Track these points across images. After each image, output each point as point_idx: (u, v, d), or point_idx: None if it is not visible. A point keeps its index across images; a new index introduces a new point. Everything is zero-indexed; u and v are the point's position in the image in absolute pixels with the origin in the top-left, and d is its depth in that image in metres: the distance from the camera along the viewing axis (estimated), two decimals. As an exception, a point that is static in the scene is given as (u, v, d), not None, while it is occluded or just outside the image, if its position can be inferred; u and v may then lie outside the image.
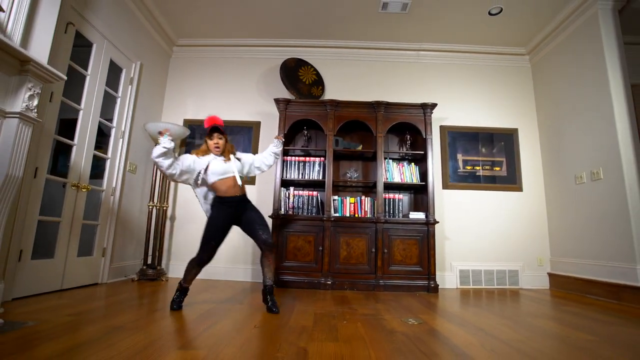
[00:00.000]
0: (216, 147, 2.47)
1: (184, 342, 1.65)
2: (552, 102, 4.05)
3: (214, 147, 2.48)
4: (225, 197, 2.46)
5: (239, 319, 2.12)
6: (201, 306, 2.50)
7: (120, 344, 1.57)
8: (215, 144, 2.47)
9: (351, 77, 4.46)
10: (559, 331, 2.05)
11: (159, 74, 4.33)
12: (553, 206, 4.00)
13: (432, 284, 3.49)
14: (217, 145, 2.47)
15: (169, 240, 4.12)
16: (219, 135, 2.48)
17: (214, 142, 2.47)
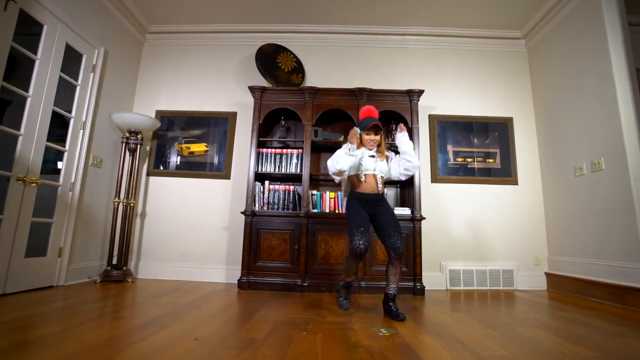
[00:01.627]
0: (372, 144, 2.45)
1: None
2: (550, 89, 3.75)
3: (369, 142, 2.44)
4: (363, 194, 2.43)
5: (184, 329, 1.85)
6: (154, 311, 2.23)
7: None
8: (372, 140, 2.44)
9: (334, 64, 4.17)
10: (553, 345, 1.76)
11: (129, 62, 4.06)
12: (551, 200, 3.70)
13: (417, 285, 3.20)
14: (374, 141, 2.45)
15: (138, 238, 3.85)
16: (377, 131, 2.44)
17: (371, 137, 2.44)
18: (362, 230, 2.30)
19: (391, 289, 2.33)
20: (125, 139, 3.63)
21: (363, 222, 2.34)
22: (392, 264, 2.33)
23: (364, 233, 2.29)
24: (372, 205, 2.42)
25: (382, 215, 2.40)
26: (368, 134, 2.44)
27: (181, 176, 3.97)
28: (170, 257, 3.79)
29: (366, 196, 2.42)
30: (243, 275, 3.27)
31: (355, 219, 2.34)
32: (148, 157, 4.03)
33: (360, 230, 2.29)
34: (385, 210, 2.43)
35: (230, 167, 3.95)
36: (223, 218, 3.84)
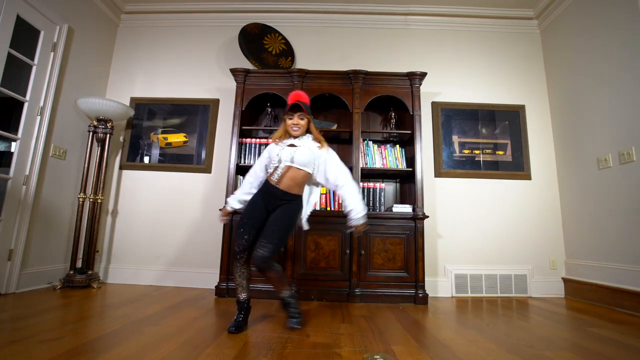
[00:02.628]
0: (295, 127, 2.05)
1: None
2: (567, 72, 3.35)
3: (291, 127, 2.06)
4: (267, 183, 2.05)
5: (127, 354, 1.46)
6: (100, 328, 1.85)
7: None
8: (295, 124, 2.05)
9: (327, 47, 3.77)
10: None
11: (100, 44, 3.66)
12: (568, 196, 3.31)
13: (420, 293, 2.81)
14: (297, 126, 2.05)
15: (109, 239, 3.46)
16: (301, 115, 2.06)
17: (294, 122, 2.05)
18: (245, 225, 1.95)
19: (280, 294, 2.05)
20: (93, 128, 3.24)
21: (250, 216, 1.98)
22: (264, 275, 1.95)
23: (246, 229, 1.94)
24: (270, 199, 2.01)
25: (272, 215, 1.99)
26: (290, 118, 2.05)
27: (157, 170, 3.57)
28: (143, 259, 3.40)
29: (269, 186, 2.02)
30: (221, 281, 2.89)
31: (244, 212, 2.02)
32: (121, 149, 3.64)
33: (243, 226, 1.96)
34: (281, 211, 1.99)
35: (211, 159, 3.56)
36: (203, 216, 3.45)
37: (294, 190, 2.02)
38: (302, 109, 2.03)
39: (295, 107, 2.03)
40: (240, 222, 1.98)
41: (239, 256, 1.94)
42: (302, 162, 2.00)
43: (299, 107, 2.02)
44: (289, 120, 2.06)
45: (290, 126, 2.06)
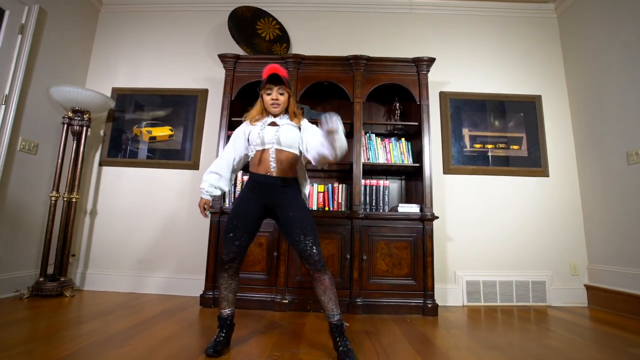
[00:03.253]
0: (274, 103, 1.74)
1: None
2: (587, 59, 3.05)
3: (270, 104, 1.75)
4: (256, 175, 1.73)
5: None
6: (57, 348, 1.55)
7: None
8: (274, 100, 1.74)
9: (325, 34, 3.47)
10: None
11: (79, 30, 3.36)
12: (591, 195, 3.01)
13: (428, 303, 2.51)
14: (276, 102, 1.74)
15: (87, 242, 3.16)
16: (281, 89, 1.74)
17: (272, 97, 1.74)
18: (236, 230, 1.65)
19: (330, 315, 1.59)
20: (68, 120, 2.94)
21: (240, 217, 1.67)
22: (313, 279, 1.62)
23: (236, 234, 1.64)
24: (266, 192, 1.69)
25: (285, 209, 1.67)
26: (268, 93, 1.74)
27: (140, 166, 3.28)
28: (124, 264, 3.11)
29: (259, 178, 1.70)
30: (207, 290, 2.59)
31: (232, 212, 1.72)
32: (101, 144, 3.34)
33: (233, 229, 1.65)
34: (290, 202, 1.68)
35: (199, 155, 3.26)
36: (190, 217, 3.15)
37: (289, 174, 1.73)
38: (283, 81, 1.72)
39: (273, 78, 1.71)
40: (229, 225, 1.67)
41: (227, 266, 1.65)
42: (289, 142, 1.70)
43: (279, 78, 1.71)
44: (267, 95, 1.75)
45: (268, 103, 1.75)
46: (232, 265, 1.65)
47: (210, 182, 1.79)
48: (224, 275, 1.67)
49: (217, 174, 1.80)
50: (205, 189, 1.79)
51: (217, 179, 1.80)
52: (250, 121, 1.79)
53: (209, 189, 1.79)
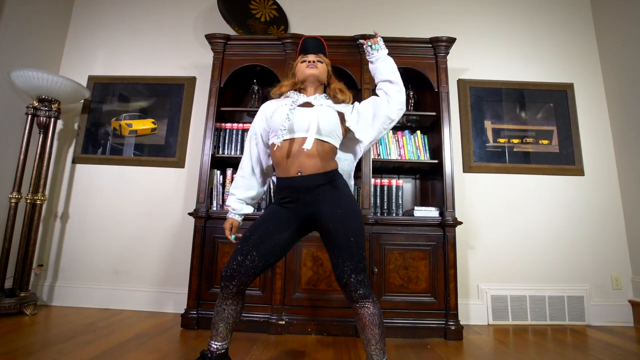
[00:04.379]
0: (311, 64, 1.38)
1: None
2: (625, 43, 2.67)
3: (306, 67, 1.38)
4: (284, 180, 1.33)
5: None
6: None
7: None
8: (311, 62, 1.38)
9: (329, 15, 3.09)
10: None
11: (51, 11, 2.98)
12: (633, 196, 2.62)
13: (451, 324, 2.12)
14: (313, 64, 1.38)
15: (57, 250, 2.77)
16: (318, 56, 1.40)
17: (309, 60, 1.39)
18: (247, 242, 1.26)
19: (371, 358, 1.19)
20: (33, 110, 2.56)
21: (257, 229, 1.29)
22: (355, 312, 1.23)
23: (244, 247, 1.25)
24: (302, 200, 1.29)
25: (325, 219, 1.25)
26: (303, 60, 1.40)
27: (118, 164, 2.89)
28: (99, 276, 2.72)
29: (291, 182, 1.30)
30: (190, 308, 2.19)
31: (256, 220, 1.33)
32: (75, 139, 2.95)
33: (244, 241, 1.27)
34: (331, 209, 1.26)
35: (185, 151, 2.88)
36: (174, 222, 2.77)
37: (328, 167, 1.30)
38: (323, 48, 1.40)
39: (310, 45, 1.39)
40: (244, 234, 1.29)
41: (223, 284, 1.26)
42: (328, 129, 1.30)
43: (319, 45, 1.39)
44: (302, 63, 1.39)
45: (303, 68, 1.38)
46: (228, 286, 1.25)
47: (236, 197, 1.43)
48: (220, 295, 1.28)
49: (244, 182, 1.43)
50: (232, 207, 1.42)
51: (244, 187, 1.43)
52: (278, 96, 1.42)
53: (235, 206, 1.42)
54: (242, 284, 1.25)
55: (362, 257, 1.20)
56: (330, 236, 1.23)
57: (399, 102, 1.36)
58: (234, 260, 1.25)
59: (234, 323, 1.30)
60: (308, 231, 1.37)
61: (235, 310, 1.28)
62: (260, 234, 1.27)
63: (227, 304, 1.27)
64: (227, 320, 1.28)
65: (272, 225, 1.29)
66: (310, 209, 1.28)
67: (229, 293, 1.26)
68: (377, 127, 1.38)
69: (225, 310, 1.27)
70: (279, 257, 1.31)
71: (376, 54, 1.41)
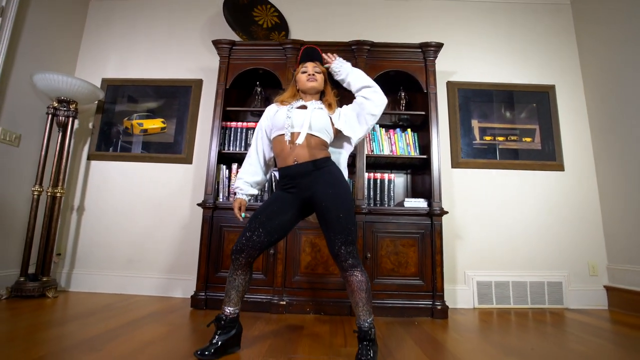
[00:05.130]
0: (310, 78, 1.60)
1: None
2: (603, 46, 2.88)
3: (306, 79, 1.61)
4: (285, 169, 1.55)
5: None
6: (36, 350, 1.36)
7: None
8: (310, 75, 1.61)
9: (327, 21, 3.30)
10: None
11: (68, 15, 3.20)
12: (609, 189, 2.82)
13: (438, 305, 2.32)
14: (312, 77, 1.61)
15: (73, 240, 2.98)
16: (316, 66, 1.64)
17: (308, 73, 1.62)
18: (254, 220, 1.48)
19: (356, 320, 1.44)
20: (53, 110, 2.77)
21: (265, 210, 1.51)
22: (345, 280, 1.44)
23: (252, 225, 1.47)
24: (301, 184, 1.50)
25: (319, 199, 1.47)
26: (303, 71, 1.63)
27: (130, 160, 3.10)
28: (112, 263, 2.92)
29: (289, 170, 1.52)
30: (199, 290, 2.40)
31: (263, 204, 1.56)
32: (90, 137, 3.17)
33: (252, 220, 1.49)
34: (324, 189, 1.47)
35: (192, 148, 3.09)
36: (182, 213, 2.97)
37: (320, 155, 1.53)
38: (320, 56, 1.63)
39: (309, 53, 1.61)
40: (252, 216, 1.51)
41: (234, 256, 1.47)
42: (319, 126, 1.52)
43: (315, 53, 1.61)
44: (302, 74, 1.62)
45: (303, 79, 1.61)
46: (238, 258, 1.45)
47: (244, 180, 1.64)
48: (231, 267, 1.50)
49: (251, 169, 1.65)
50: (240, 187, 1.63)
51: (252, 173, 1.65)
52: (280, 103, 1.63)
53: (243, 187, 1.63)
54: (249, 256, 1.46)
55: (350, 231, 1.41)
56: (323, 214, 1.44)
57: (378, 99, 1.58)
58: (243, 237, 1.45)
59: (244, 291, 1.51)
60: (308, 213, 1.59)
61: (245, 280, 1.49)
62: (267, 214, 1.48)
63: (237, 274, 1.48)
64: (237, 288, 1.48)
65: (277, 207, 1.51)
66: (307, 192, 1.50)
67: (238, 264, 1.46)
68: (362, 125, 1.60)
69: (236, 280, 1.48)
70: (282, 235, 1.53)
71: (342, 71, 1.64)
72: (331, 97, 1.66)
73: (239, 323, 1.53)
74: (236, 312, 1.50)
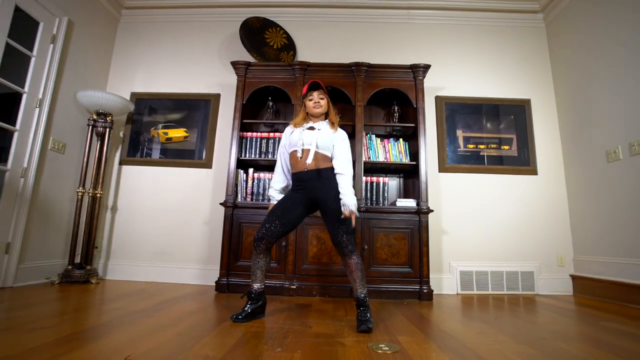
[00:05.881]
0: (316, 105, 2.03)
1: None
2: (573, 65, 3.30)
3: (312, 106, 2.03)
4: (297, 174, 2.01)
5: (117, 343, 1.40)
6: (95, 319, 1.79)
7: None
8: (316, 102, 2.03)
9: (328, 42, 3.73)
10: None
11: (101, 38, 3.63)
12: (576, 191, 3.24)
13: (424, 289, 2.74)
14: (317, 104, 2.03)
15: (108, 235, 3.41)
16: (320, 94, 2.05)
17: (314, 101, 2.04)
18: (272, 214, 1.92)
19: (354, 292, 1.86)
20: (93, 122, 3.20)
21: (280, 206, 1.96)
22: (343, 262, 1.89)
23: (270, 218, 1.90)
24: (309, 186, 1.94)
25: (324, 200, 1.89)
26: (310, 99, 2.04)
27: (157, 165, 3.53)
28: (143, 255, 3.35)
29: (300, 176, 1.98)
30: (222, 277, 2.82)
31: (279, 201, 2.02)
32: (121, 144, 3.60)
33: (270, 214, 1.93)
34: (328, 193, 1.89)
35: (212, 154, 3.52)
36: (204, 212, 3.40)
37: (324, 165, 1.96)
38: (322, 86, 2.03)
39: (313, 86, 2.02)
40: (270, 211, 1.97)
41: (256, 244, 1.90)
42: (323, 145, 1.96)
43: (318, 84, 2.02)
44: (309, 101, 2.04)
45: (310, 106, 2.03)
46: (259, 245, 1.88)
47: (274, 188, 2.11)
48: (254, 252, 1.92)
49: (279, 177, 2.11)
50: (272, 195, 2.10)
51: (280, 181, 2.12)
52: (294, 126, 2.06)
53: (274, 194, 2.10)
54: (268, 243, 1.89)
55: (350, 223, 1.84)
56: (326, 211, 1.88)
57: None
58: (263, 227, 1.88)
59: (266, 270, 1.94)
60: (313, 210, 2.02)
61: (266, 261, 1.92)
62: (281, 210, 1.91)
63: (260, 257, 1.91)
64: (261, 268, 1.91)
65: (289, 204, 1.95)
66: (312, 194, 1.94)
67: (260, 250, 1.89)
68: None
69: (260, 262, 1.91)
70: (293, 226, 1.97)
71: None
72: (334, 117, 2.08)
73: (264, 296, 1.96)
74: (262, 288, 1.93)
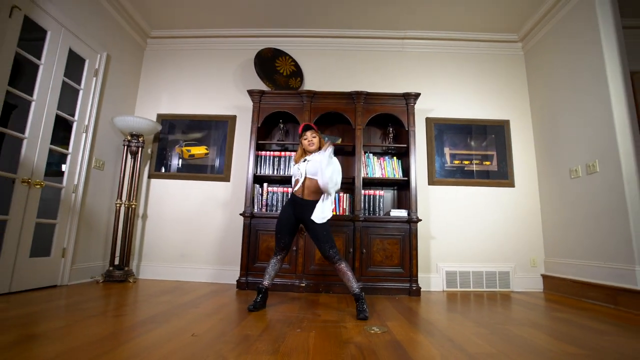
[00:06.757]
0: (310, 142, 2.54)
1: (96, 353, 1.43)
2: (546, 92, 3.79)
3: (307, 144, 2.54)
4: (293, 194, 2.53)
5: (181, 326, 1.90)
6: (153, 309, 2.29)
7: (20, 356, 1.36)
8: (309, 141, 2.53)
9: (332, 68, 4.23)
10: (542, 342, 1.80)
11: (130, 66, 4.14)
12: (547, 203, 3.73)
13: (413, 286, 3.24)
14: (311, 142, 2.54)
15: (140, 240, 3.92)
16: (312, 133, 2.55)
17: (308, 140, 2.54)
18: (283, 230, 2.46)
19: (350, 290, 2.35)
20: (127, 142, 3.70)
21: (284, 223, 2.47)
22: (336, 268, 2.38)
23: (283, 234, 2.45)
24: (298, 209, 2.45)
25: (310, 222, 2.38)
26: (305, 138, 2.55)
27: (182, 178, 4.03)
28: (170, 258, 3.86)
29: (296, 198, 2.48)
30: (242, 276, 3.32)
31: (278, 220, 2.51)
32: (149, 160, 4.10)
33: (280, 231, 2.46)
34: (309, 211, 2.38)
35: (229, 169, 4.02)
36: (222, 220, 3.90)
37: (312, 197, 2.45)
38: (313, 127, 2.52)
39: (306, 127, 2.52)
40: (279, 227, 2.48)
41: (277, 255, 2.47)
42: (312, 171, 2.45)
43: (310, 126, 2.52)
44: (304, 140, 2.52)
45: (306, 145, 2.53)
46: (280, 254, 2.46)
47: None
48: (275, 258, 2.47)
49: None
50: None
51: None
52: (296, 162, 2.57)
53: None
54: (286, 253, 2.45)
55: (333, 240, 2.37)
56: (312, 232, 2.39)
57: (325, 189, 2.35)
58: (281, 242, 2.44)
59: (277, 272, 2.48)
60: (299, 224, 2.53)
61: (280, 265, 2.47)
62: (285, 230, 2.46)
63: (278, 263, 2.45)
64: (277, 271, 2.46)
65: (286, 222, 2.47)
66: (300, 215, 2.45)
67: (281, 257, 2.46)
68: None
69: (276, 266, 2.45)
70: (292, 237, 2.50)
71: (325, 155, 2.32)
72: (322, 144, 2.57)
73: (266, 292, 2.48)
74: (269, 285, 2.46)
